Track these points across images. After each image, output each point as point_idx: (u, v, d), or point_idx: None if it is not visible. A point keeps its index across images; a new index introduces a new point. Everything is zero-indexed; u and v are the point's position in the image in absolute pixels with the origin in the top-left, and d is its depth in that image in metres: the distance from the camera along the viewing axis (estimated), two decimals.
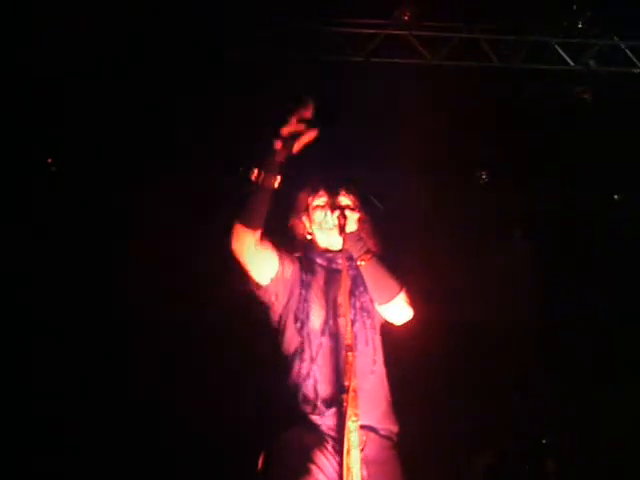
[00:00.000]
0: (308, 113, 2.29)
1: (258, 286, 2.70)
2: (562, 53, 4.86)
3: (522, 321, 4.99)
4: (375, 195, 4.80)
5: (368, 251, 2.69)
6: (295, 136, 2.32)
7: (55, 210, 4.88)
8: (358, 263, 2.69)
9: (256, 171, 2.41)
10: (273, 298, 2.71)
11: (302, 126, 2.29)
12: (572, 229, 5.18)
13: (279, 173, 2.43)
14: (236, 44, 4.55)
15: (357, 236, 2.69)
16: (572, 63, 4.88)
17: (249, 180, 2.42)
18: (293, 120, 2.32)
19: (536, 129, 4.96)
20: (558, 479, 4.81)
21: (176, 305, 4.66)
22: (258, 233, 2.54)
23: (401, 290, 2.73)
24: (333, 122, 2.45)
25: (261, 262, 2.64)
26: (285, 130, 2.33)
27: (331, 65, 4.66)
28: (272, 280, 2.69)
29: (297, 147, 2.38)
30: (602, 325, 5.02)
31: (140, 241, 4.74)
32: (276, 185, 2.44)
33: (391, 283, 2.71)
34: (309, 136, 2.36)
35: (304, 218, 2.86)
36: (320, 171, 2.88)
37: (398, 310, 2.75)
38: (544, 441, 4.90)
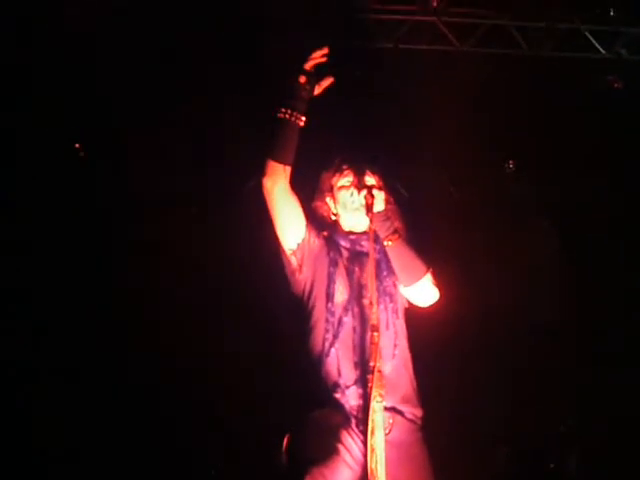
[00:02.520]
0: (326, 51, 2.61)
1: (284, 251, 2.73)
2: (593, 41, 4.79)
3: (549, 310, 4.94)
4: (400, 183, 4.79)
5: (395, 231, 2.69)
6: (316, 77, 2.62)
7: (84, 195, 4.90)
8: (385, 243, 2.69)
9: (283, 109, 2.60)
10: (298, 268, 2.72)
11: (323, 59, 2.61)
12: (602, 219, 5.12)
13: (305, 111, 2.62)
14: (267, 31, 4.55)
15: (384, 216, 2.68)
16: (603, 51, 4.82)
17: (277, 119, 2.62)
18: (314, 57, 2.61)
19: (566, 118, 4.90)
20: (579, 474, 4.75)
21: (200, 279, 4.69)
22: (288, 169, 2.64)
23: (427, 271, 2.73)
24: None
25: (289, 215, 2.69)
26: (307, 65, 2.61)
27: (359, 51, 4.64)
28: (299, 246, 2.72)
29: (318, 90, 2.65)
30: (633, 312, 4.96)
31: (167, 227, 4.77)
32: (302, 124, 2.62)
33: (418, 264, 2.70)
34: (327, 81, 2.65)
35: (328, 199, 2.86)
36: (344, 151, 2.89)
37: (424, 291, 2.74)
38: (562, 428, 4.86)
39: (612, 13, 4.72)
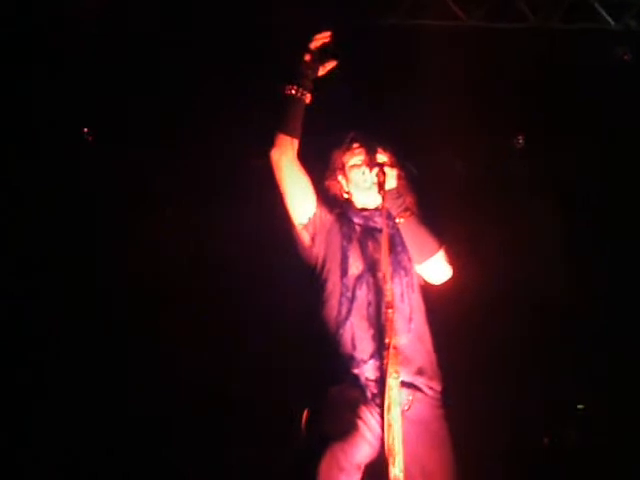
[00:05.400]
0: (329, 34, 2.71)
1: (295, 227, 2.75)
2: (602, 12, 4.73)
3: (554, 288, 4.92)
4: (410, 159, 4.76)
5: (407, 208, 2.70)
6: (320, 57, 2.71)
7: (92, 180, 4.89)
8: (397, 220, 2.69)
9: (289, 85, 2.67)
10: (310, 243, 2.74)
11: (327, 40, 2.70)
12: (610, 196, 5.09)
13: (310, 88, 2.70)
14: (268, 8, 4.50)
15: (396, 193, 2.69)
16: (612, 23, 4.75)
17: (285, 95, 2.69)
18: (317, 38, 2.69)
19: (575, 91, 4.86)
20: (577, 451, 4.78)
21: (212, 265, 4.69)
22: (296, 142, 2.69)
23: (440, 248, 2.74)
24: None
25: (298, 188, 2.72)
26: (312, 45, 2.69)
27: (364, 27, 4.59)
28: (310, 220, 2.74)
29: (322, 71, 2.72)
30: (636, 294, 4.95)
31: (176, 211, 4.78)
32: (307, 100, 2.69)
33: (430, 240, 2.72)
34: (331, 63, 2.73)
35: (340, 177, 2.87)
36: (354, 129, 2.89)
37: (437, 268, 2.76)
38: (580, 406, 4.88)
39: None
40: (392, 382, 2.42)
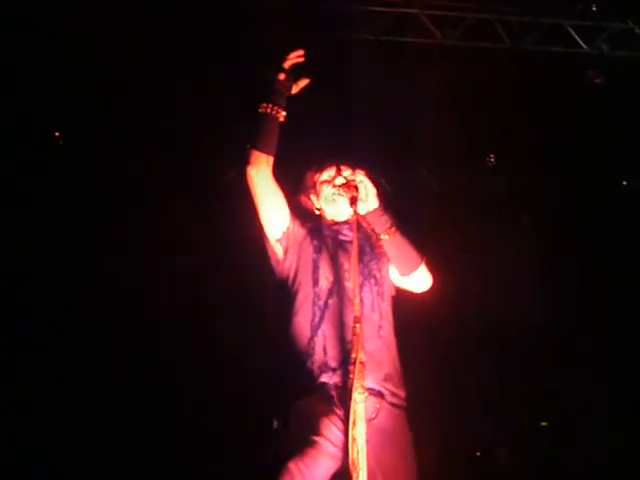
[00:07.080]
0: (302, 52, 2.74)
1: (269, 241, 2.79)
2: (575, 36, 4.82)
3: (524, 306, 4.97)
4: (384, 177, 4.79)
5: (392, 225, 2.73)
6: (293, 76, 2.74)
7: (63, 185, 4.86)
8: (382, 237, 2.73)
9: (264, 104, 2.71)
10: (283, 256, 2.78)
11: (300, 60, 2.74)
12: (580, 214, 5.17)
13: (284, 106, 2.72)
14: (248, 23, 4.52)
15: (380, 211, 2.72)
16: (585, 46, 4.84)
17: (259, 114, 2.73)
18: (291, 57, 2.73)
19: (547, 112, 4.93)
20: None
21: (185, 275, 4.68)
22: (271, 160, 2.73)
23: (422, 260, 2.80)
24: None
25: (273, 203, 2.75)
26: (286, 64, 2.73)
27: (341, 43, 4.63)
28: (284, 234, 2.78)
29: (295, 89, 2.76)
30: (604, 314, 5.02)
31: (149, 217, 4.76)
32: (282, 118, 2.71)
33: (414, 254, 2.78)
34: (304, 81, 2.77)
35: (312, 196, 2.93)
36: (327, 149, 2.94)
37: (419, 279, 2.82)
38: (543, 424, 4.94)
39: (594, 8, 4.75)
40: (357, 397, 2.42)
